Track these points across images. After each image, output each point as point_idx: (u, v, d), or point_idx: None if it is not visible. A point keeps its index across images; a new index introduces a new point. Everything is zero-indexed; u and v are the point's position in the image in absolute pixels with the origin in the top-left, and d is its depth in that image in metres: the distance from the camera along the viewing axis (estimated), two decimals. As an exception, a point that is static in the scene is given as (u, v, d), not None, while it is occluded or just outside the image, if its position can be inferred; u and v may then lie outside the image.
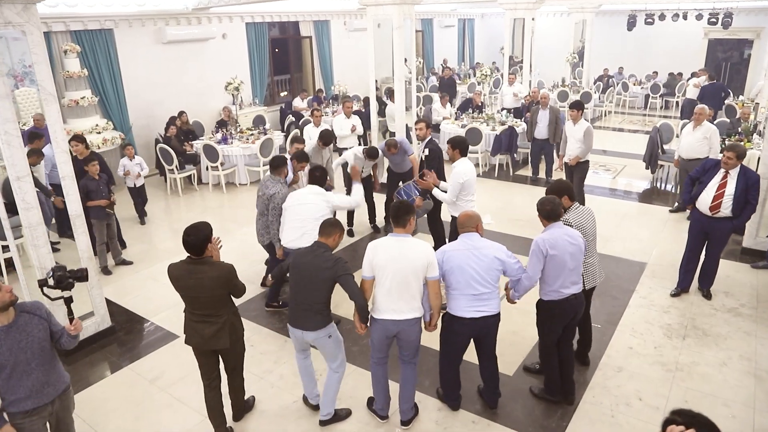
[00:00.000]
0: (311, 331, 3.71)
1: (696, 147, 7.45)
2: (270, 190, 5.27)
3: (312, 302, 3.65)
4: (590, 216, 4.28)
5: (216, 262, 3.52)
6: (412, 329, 3.70)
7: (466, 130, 10.05)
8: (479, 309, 3.69)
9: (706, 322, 5.23)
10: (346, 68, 15.36)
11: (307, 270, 3.64)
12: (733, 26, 15.56)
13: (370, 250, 3.64)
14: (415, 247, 3.60)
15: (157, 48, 10.88)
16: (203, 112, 11.78)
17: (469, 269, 3.65)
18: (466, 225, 3.80)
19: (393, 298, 3.60)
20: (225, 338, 3.57)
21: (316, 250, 3.69)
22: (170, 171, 9.44)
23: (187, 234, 3.40)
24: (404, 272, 3.56)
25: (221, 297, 3.51)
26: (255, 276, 6.32)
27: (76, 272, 3.31)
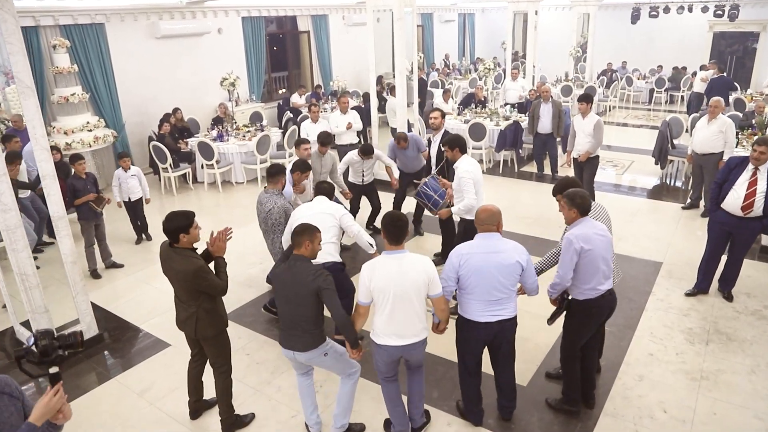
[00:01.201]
0: (302, 352, 3.38)
1: (711, 141, 7.15)
2: (266, 206, 4.89)
3: (298, 321, 3.32)
4: (604, 213, 3.97)
5: (188, 255, 3.40)
6: (417, 351, 3.42)
7: (469, 125, 9.75)
8: (495, 313, 3.42)
9: (730, 325, 4.94)
10: (345, 64, 15.05)
11: (287, 287, 3.32)
12: (738, 19, 15.28)
13: (366, 273, 3.25)
14: (414, 265, 3.25)
15: (150, 43, 10.56)
16: (198, 109, 11.47)
17: (488, 275, 3.35)
18: (486, 222, 3.45)
19: (396, 323, 3.27)
20: (191, 328, 3.54)
21: (293, 265, 3.32)
22: (164, 170, 9.13)
23: (165, 220, 3.40)
24: (406, 293, 3.22)
25: (189, 289, 3.43)
26: (251, 280, 6.02)
27: (67, 338, 2.37)
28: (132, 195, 6.86)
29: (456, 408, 3.96)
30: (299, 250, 3.35)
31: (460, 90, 15.54)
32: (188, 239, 3.41)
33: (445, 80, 16.37)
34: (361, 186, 6.93)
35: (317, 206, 4.63)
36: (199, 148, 9.26)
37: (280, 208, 4.86)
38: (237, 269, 6.28)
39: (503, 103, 11.89)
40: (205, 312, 3.51)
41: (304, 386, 3.68)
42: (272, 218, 4.87)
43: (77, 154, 6.08)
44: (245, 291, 5.79)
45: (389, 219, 3.30)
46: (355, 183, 6.92)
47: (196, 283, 3.37)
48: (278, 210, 4.85)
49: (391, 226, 3.26)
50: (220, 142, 9.58)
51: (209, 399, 4.06)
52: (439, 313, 3.42)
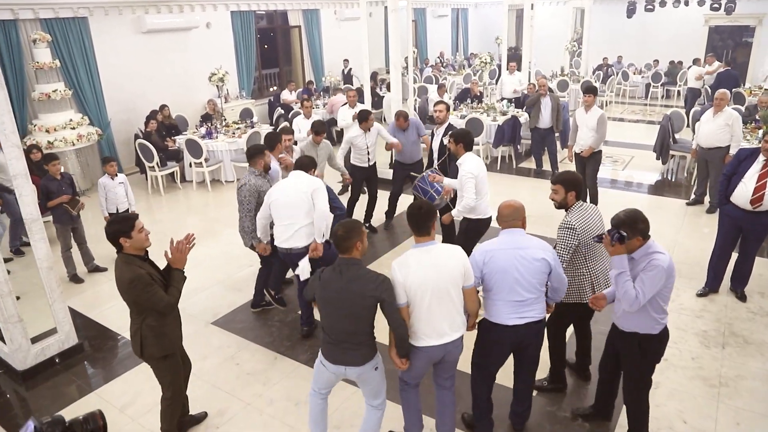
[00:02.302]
0: (356, 367, 3.04)
1: (717, 135, 6.92)
2: (240, 182, 4.73)
3: (353, 333, 2.97)
4: (597, 216, 3.65)
5: (130, 262, 3.07)
6: (457, 349, 3.17)
7: (466, 120, 9.48)
8: (523, 315, 3.17)
9: (745, 327, 4.70)
10: (338, 59, 14.75)
11: (342, 299, 2.91)
12: (734, 12, 15.12)
13: (399, 271, 2.98)
14: (448, 256, 3.04)
15: (136, 38, 10.21)
16: (187, 105, 11.13)
17: (515, 273, 3.11)
18: (509, 218, 3.22)
19: (435, 320, 3.02)
20: (136, 346, 3.22)
21: (346, 271, 2.92)
22: (151, 169, 8.81)
23: (106, 224, 3.20)
24: (443, 287, 2.98)
25: (130, 302, 3.14)
26: (241, 283, 5.73)
27: (84, 425, 1.80)
28: (120, 205, 6.13)
29: (462, 421, 3.69)
30: (350, 254, 2.95)
31: (454, 86, 15.28)
32: (132, 244, 3.10)
33: (439, 76, 16.12)
34: (366, 169, 6.70)
35: (291, 186, 4.37)
36: (187, 146, 8.94)
37: (252, 186, 4.63)
38: (226, 272, 6.01)
39: (499, 98, 11.63)
40: (149, 329, 3.15)
41: (319, 410, 3.30)
42: (241, 194, 4.67)
43: (51, 154, 5.76)
44: (234, 295, 5.50)
45: (411, 208, 3.10)
46: (360, 166, 6.70)
47: (134, 294, 3.03)
48: (249, 188, 4.62)
49: (413, 216, 3.06)
50: (209, 139, 9.26)
51: (196, 414, 3.78)
52: (471, 305, 3.15)
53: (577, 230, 3.49)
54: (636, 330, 3.13)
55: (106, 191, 6.03)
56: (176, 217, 7.96)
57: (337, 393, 3.71)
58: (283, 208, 4.32)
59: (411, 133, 6.73)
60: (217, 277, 5.91)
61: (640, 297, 2.96)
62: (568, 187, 3.58)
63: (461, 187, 4.80)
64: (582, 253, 3.56)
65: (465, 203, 4.77)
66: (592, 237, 3.42)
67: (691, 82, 13.01)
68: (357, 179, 6.77)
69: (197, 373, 4.27)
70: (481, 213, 4.94)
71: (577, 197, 3.61)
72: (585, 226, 3.53)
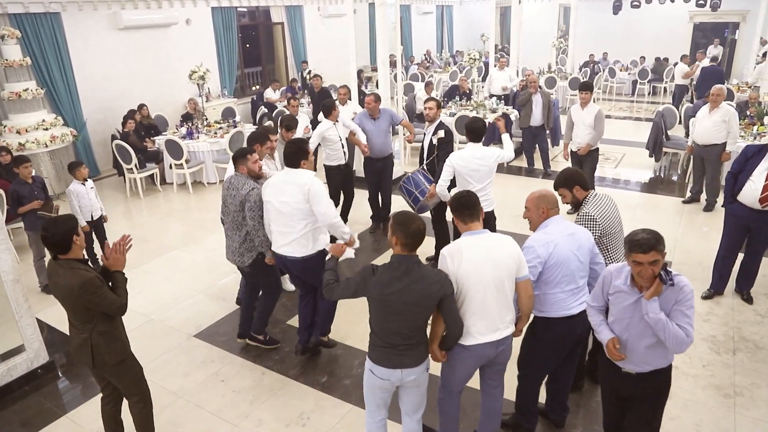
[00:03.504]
0: (413, 368, 2.79)
1: (713, 132, 6.76)
2: (243, 189, 4.00)
3: (411, 334, 2.75)
4: (612, 204, 3.49)
5: (75, 267, 2.88)
6: (509, 349, 2.99)
7: (455, 118, 9.25)
8: (581, 301, 3.06)
9: (755, 331, 4.52)
10: (322, 57, 14.43)
11: (406, 301, 2.66)
12: (719, 9, 15.13)
13: (451, 260, 2.76)
14: (503, 245, 2.85)
15: (112, 35, 9.82)
16: (167, 105, 10.75)
17: (575, 260, 3.00)
18: (554, 205, 3.08)
19: (489, 315, 2.82)
20: (86, 356, 3.00)
21: (409, 269, 2.66)
22: (129, 171, 8.43)
23: (45, 230, 2.87)
24: (499, 279, 2.78)
25: (79, 310, 2.92)
26: (226, 291, 5.42)
27: None
28: (95, 212, 5.68)
29: (511, 423, 3.48)
30: (413, 252, 2.72)
31: (440, 83, 15.07)
32: (79, 244, 2.93)
33: (425, 73, 15.90)
34: (342, 169, 6.32)
35: (282, 188, 3.76)
36: (166, 147, 8.57)
37: (259, 191, 3.97)
38: (209, 280, 5.69)
39: (488, 95, 11.41)
40: (101, 336, 2.96)
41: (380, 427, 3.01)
42: (251, 201, 3.94)
43: (22, 156, 5.40)
44: (217, 305, 5.18)
45: (455, 198, 2.94)
46: (335, 166, 6.29)
47: (86, 299, 2.84)
48: (258, 193, 3.96)
49: (460, 202, 2.88)
50: (189, 139, 8.91)
51: None
52: (527, 300, 2.94)
53: (598, 220, 3.32)
54: (657, 366, 2.70)
55: (79, 198, 5.52)
56: (156, 222, 7.61)
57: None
58: (276, 213, 3.83)
59: (382, 122, 6.35)
60: (200, 285, 5.59)
61: (691, 334, 2.54)
62: (569, 185, 3.43)
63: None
64: (604, 244, 3.38)
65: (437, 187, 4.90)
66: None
67: (678, 78, 12.93)
68: (334, 183, 6.35)
69: (178, 392, 3.98)
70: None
71: (585, 188, 3.44)
72: (605, 215, 3.37)
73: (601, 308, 2.82)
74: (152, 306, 5.16)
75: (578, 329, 3.13)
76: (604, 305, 2.81)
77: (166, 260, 6.24)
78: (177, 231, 7.24)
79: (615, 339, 2.70)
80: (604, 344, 2.75)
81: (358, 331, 4.51)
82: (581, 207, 3.41)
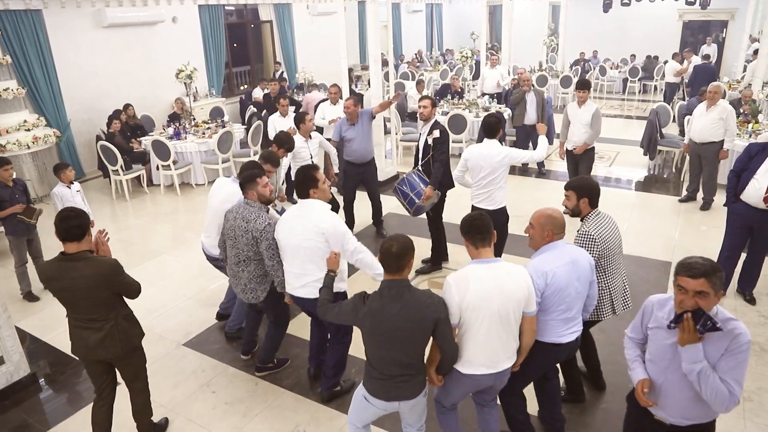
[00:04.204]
0: (411, 399, 2.66)
1: (710, 129, 6.68)
2: (257, 222, 3.50)
3: (407, 363, 2.60)
4: (613, 225, 3.35)
5: (95, 257, 2.97)
6: (506, 377, 2.85)
7: (448, 117, 9.12)
8: (573, 329, 2.97)
9: (760, 333, 4.43)
10: (311, 56, 14.25)
11: (399, 328, 2.51)
12: (709, 7, 15.16)
13: (458, 287, 2.59)
14: (513, 276, 2.66)
15: (96, 33, 9.57)
16: (153, 105, 10.52)
17: (572, 290, 2.86)
18: (560, 229, 2.92)
19: (491, 347, 2.66)
20: (114, 346, 3.05)
21: (400, 294, 2.52)
22: (115, 172, 8.20)
23: (61, 220, 2.87)
24: (505, 312, 2.61)
25: (105, 299, 2.98)
26: (216, 297, 5.20)
27: None
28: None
29: None
30: (401, 275, 2.56)
31: (431, 82, 14.95)
32: (88, 239, 2.98)
33: (415, 72, 15.78)
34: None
35: (298, 225, 3.37)
36: (153, 148, 8.36)
37: (273, 225, 3.53)
38: (199, 285, 5.50)
39: (480, 93, 11.30)
40: (125, 320, 3.10)
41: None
42: (268, 239, 3.48)
43: (2, 158, 5.14)
44: (207, 311, 4.99)
45: (466, 220, 2.74)
46: None
47: (117, 282, 2.96)
48: (272, 229, 3.51)
49: (473, 226, 2.68)
50: (177, 140, 8.70)
51: None
52: (530, 335, 2.81)
53: (597, 241, 3.18)
54: (697, 421, 2.35)
55: (63, 202, 5.27)
56: (143, 224, 7.39)
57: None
58: (292, 254, 3.42)
59: (362, 126, 6.07)
60: (189, 291, 5.41)
61: (737, 392, 2.16)
62: (580, 194, 3.29)
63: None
64: (601, 266, 3.25)
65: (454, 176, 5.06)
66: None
67: (669, 76, 12.91)
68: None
69: (168, 404, 3.81)
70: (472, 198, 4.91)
71: (591, 204, 3.30)
72: (604, 236, 3.23)
73: (639, 341, 2.52)
74: (139, 313, 4.82)
75: (561, 357, 3.11)
76: (643, 338, 2.49)
77: (154, 265, 6.04)
78: (164, 234, 7.03)
79: (645, 381, 2.36)
80: (634, 383, 2.46)
81: (355, 337, 4.35)
82: (581, 224, 3.29)
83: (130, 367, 3.22)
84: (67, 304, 3.00)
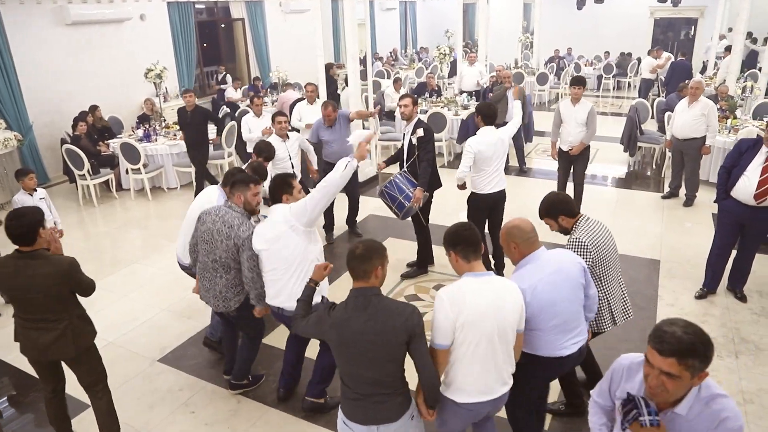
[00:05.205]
0: (392, 423, 2.38)
1: (693, 125, 6.66)
2: (240, 230, 3.30)
3: (382, 381, 2.34)
4: (604, 230, 3.17)
5: (51, 255, 2.96)
6: (503, 403, 2.62)
7: (428, 115, 8.96)
8: (575, 340, 2.76)
9: (753, 332, 4.36)
10: (285, 54, 13.95)
11: (367, 341, 2.28)
12: (680, 5, 15.34)
13: (452, 303, 2.33)
14: (507, 291, 2.46)
15: (59, 30, 9.15)
16: (122, 106, 10.13)
17: (562, 303, 2.65)
18: (533, 238, 2.67)
19: (488, 370, 2.42)
20: (67, 346, 3.01)
21: (366, 303, 2.31)
22: (81, 177, 7.81)
23: (10, 220, 2.84)
24: (503, 330, 2.39)
25: (60, 297, 2.93)
26: (192, 308, 4.94)
27: None
28: (47, 224, 5.27)
29: None
30: (368, 281, 2.34)
31: (407, 80, 14.78)
32: (46, 235, 2.94)
33: (390, 70, 15.61)
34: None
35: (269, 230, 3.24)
36: (122, 151, 8.00)
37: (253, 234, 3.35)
38: (172, 295, 5.20)
39: (459, 91, 11.18)
40: (79, 319, 3.07)
41: None
42: (249, 248, 3.29)
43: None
44: (183, 324, 4.72)
45: (454, 232, 2.51)
46: None
47: (76, 279, 2.94)
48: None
49: (459, 237, 2.47)
50: (147, 142, 8.36)
51: None
52: (518, 351, 2.59)
53: (590, 247, 3.02)
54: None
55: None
56: (113, 231, 7.04)
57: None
58: (267, 260, 3.28)
59: (339, 129, 5.99)
60: (163, 302, 5.11)
61: None
62: (554, 214, 3.13)
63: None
64: (596, 275, 3.08)
65: (457, 173, 4.87)
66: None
67: (644, 73, 12.99)
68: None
69: (142, 428, 3.54)
70: (477, 188, 4.91)
71: (571, 214, 3.11)
72: (596, 241, 3.06)
73: (606, 408, 2.16)
74: (110, 327, 4.67)
75: (564, 371, 2.93)
76: (611, 406, 2.11)
77: (125, 274, 5.72)
78: (136, 241, 6.70)
79: None
80: None
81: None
82: (571, 233, 3.11)
83: (86, 366, 3.15)
84: (18, 303, 2.93)
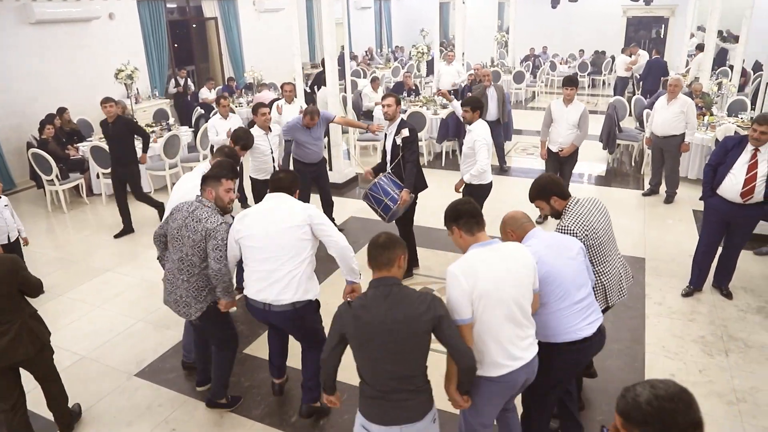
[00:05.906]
0: (416, 423, 2.27)
1: (672, 123, 6.69)
2: (209, 222, 3.15)
3: (406, 377, 2.25)
4: (596, 209, 3.11)
5: None
6: (536, 367, 2.53)
7: (408, 114, 8.85)
8: (591, 320, 2.68)
9: (741, 328, 4.36)
10: (260, 54, 13.70)
11: (388, 332, 2.19)
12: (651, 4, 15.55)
13: (465, 276, 2.30)
14: (518, 255, 2.46)
15: (23, 29, 8.79)
16: (90, 108, 9.74)
17: (568, 269, 2.63)
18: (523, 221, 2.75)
19: (515, 336, 2.40)
20: (24, 347, 3.03)
21: (387, 292, 2.23)
22: (49, 182, 7.51)
23: None
24: (520, 294, 2.39)
25: (10, 295, 2.96)
26: (170, 318, 4.69)
27: None
28: (11, 233, 4.91)
29: None
30: (390, 271, 2.28)
31: (383, 79, 14.68)
32: None
33: (367, 70, 15.48)
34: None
35: (271, 216, 3.11)
36: (92, 154, 7.71)
37: (227, 228, 3.21)
38: (148, 304, 4.99)
39: (437, 90, 11.09)
40: (32, 318, 3.12)
41: None
42: (217, 238, 3.12)
43: None
44: (161, 335, 4.53)
45: (455, 207, 2.53)
46: (261, 179, 5.65)
47: (22, 276, 2.99)
48: (225, 230, 3.18)
49: (460, 210, 2.49)
50: (118, 145, 8.06)
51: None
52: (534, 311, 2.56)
53: (578, 233, 2.93)
54: None
55: None
56: (84, 239, 6.77)
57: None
58: (260, 249, 3.09)
59: (317, 130, 5.90)
60: (138, 312, 4.90)
61: None
62: (545, 196, 3.07)
63: (475, 153, 4.94)
64: (589, 258, 2.99)
65: (478, 167, 4.91)
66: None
67: (620, 71, 13.11)
68: (261, 198, 5.70)
69: (120, 448, 3.35)
70: (485, 179, 5.08)
71: (563, 196, 3.06)
72: (587, 225, 2.97)
73: None
74: (83, 341, 4.45)
75: (584, 358, 2.82)
76: None
77: (98, 284, 5.47)
78: (108, 249, 6.44)
79: None
80: None
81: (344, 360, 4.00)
82: (560, 220, 3.04)
83: (43, 364, 3.20)
84: None
